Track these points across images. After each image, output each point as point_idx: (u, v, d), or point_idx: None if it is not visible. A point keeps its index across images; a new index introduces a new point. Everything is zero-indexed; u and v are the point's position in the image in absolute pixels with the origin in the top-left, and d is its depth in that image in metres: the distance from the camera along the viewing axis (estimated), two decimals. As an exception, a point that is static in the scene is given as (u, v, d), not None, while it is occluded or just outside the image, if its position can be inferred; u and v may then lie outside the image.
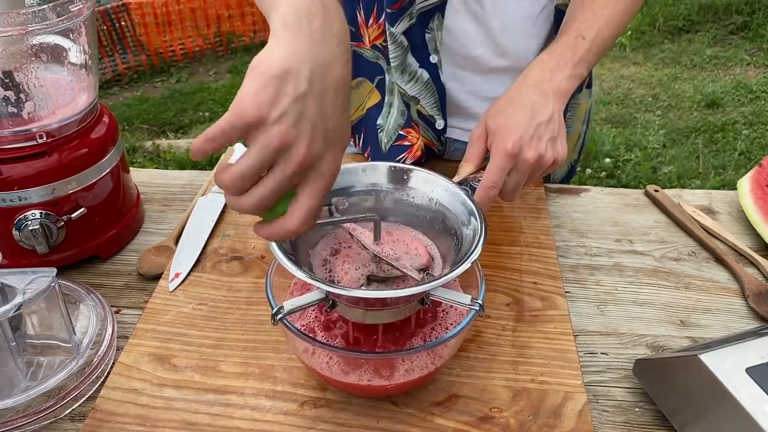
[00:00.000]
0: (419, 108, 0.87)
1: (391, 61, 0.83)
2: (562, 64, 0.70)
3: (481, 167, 0.67)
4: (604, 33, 0.73)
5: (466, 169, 0.68)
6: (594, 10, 0.73)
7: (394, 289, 0.53)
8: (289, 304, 0.51)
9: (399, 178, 0.61)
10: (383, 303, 0.53)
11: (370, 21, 0.84)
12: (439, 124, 0.88)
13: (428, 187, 0.61)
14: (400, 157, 0.89)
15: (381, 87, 0.89)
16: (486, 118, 0.69)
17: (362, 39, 0.87)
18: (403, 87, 0.85)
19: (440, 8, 0.81)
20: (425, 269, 0.58)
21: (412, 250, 0.59)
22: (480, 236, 0.53)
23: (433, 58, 0.83)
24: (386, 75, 0.88)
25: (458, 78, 0.87)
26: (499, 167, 0.64)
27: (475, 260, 0.51)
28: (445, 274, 0.50)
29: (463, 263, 0.51)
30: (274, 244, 0.51)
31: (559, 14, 0.81)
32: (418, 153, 0.88)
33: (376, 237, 0.58)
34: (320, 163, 0.45)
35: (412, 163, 0.65)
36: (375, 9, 0.83)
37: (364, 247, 0.57)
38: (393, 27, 0.81)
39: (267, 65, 0.43)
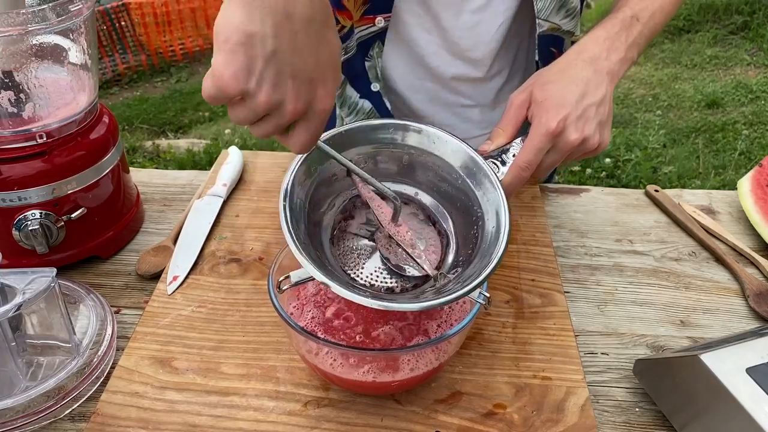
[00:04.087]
0: None
1: None
2: (617, 44, 0.65)
3: (516, 136, 0.63)
4: (657, 18, 0.69)
5: (500, 138, 0.62)
6: None
7: (408, 303, 0.50)
8: (295, 275, 0.50)
9: (427, 142, 0.57)
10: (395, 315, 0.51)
11: None
12: None
13: (457, 159, 0.56)
14: None
15: None
16: (533, 86, 0.64)
17: None
18: (345, 120, 0.83)
19: (380, 36, 0.78)
20: (438, 266, 0.56)
21: (427, 238, 0.57)
22: (501, 249, 0.51)
23: (375, 87, 0.81)
24: None
25: (416, 88, 0.85)
26: (538, 147, 0.60)
27: (490, 274, 0.50)
28: (459, 289, 0.49)
29: (479, 276, 0.49)
30: (285, 228, 0.49)
31: (545, 40, 0.78)
32: None
33: (395, 218, 0.56)
34: (313, 103, 0.46)
35: None
36: None
37: (380, 224, 0.55)
38: None
39: (228, 32, 0.42)
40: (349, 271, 0.57)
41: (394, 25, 0.80)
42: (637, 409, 0.59)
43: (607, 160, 2.82)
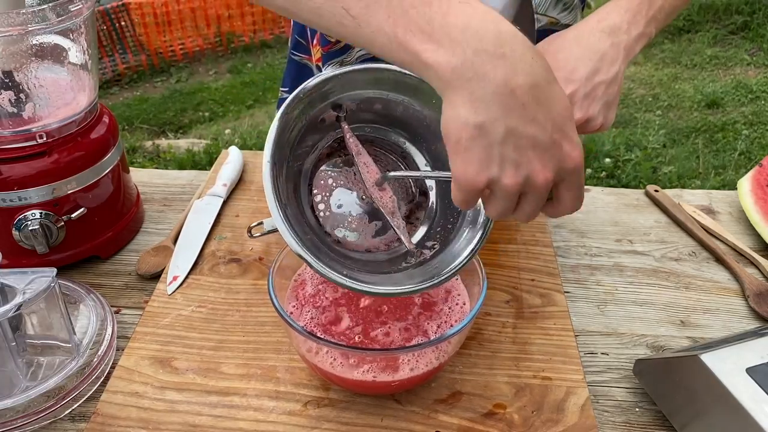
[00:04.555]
0: None
1: None
2: (638, 17, 0.62)
3: None
4: None
5: None
6: None
7: (386, 288, 0.50)
8: (269, 223, 0.50)
9: (425, 98, 0.54)
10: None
11: (314, 41, 0.80)
12: None
13: None
14: None
15: None
16: (545, 52, 0.61)
17: (311, 54, 0.84)
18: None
19: None
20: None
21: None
22: (478, 243, 0.52)
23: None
24: None
25: None
26: None
27: (470, 259, 0.51)
28: (444, 274, 0.49)
29: (461, 256, 0.50)
30: (270, 195, 0.49)
31: (544, 35, 0.75)
32: None
33: (380, 182, 0.55)
34: (563, 163, 0.43)
35: None
36: (318, 32, 0.78)
37: (364, 184, 0.55)
38: (323, 67, 0.75)
39: (458, 132, 0.41)
40: (324, 223, 0.56)
41: None
42: (637, 409, 0.59)
43: (607, 160, 2.82)
